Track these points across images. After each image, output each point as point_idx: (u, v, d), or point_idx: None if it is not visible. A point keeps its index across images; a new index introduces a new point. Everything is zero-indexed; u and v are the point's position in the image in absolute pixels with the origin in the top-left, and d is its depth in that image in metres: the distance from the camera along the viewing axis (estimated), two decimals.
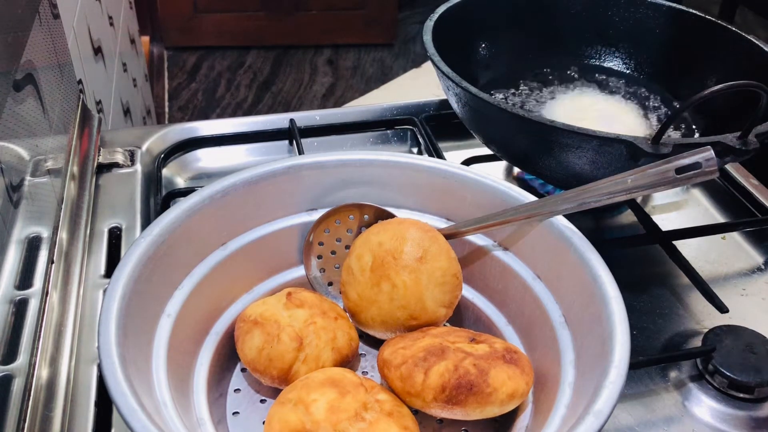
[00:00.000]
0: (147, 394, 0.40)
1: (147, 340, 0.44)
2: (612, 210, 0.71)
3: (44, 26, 0.66)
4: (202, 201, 0.49)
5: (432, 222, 0.54)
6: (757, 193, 0.71)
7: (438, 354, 0.43)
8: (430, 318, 0.49)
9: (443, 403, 0.42)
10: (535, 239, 0.50)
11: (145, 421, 0.36)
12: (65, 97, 0.70)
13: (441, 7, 0.73)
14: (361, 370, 0.51)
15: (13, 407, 0.45)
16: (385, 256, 0.49)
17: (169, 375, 0.43)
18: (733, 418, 0.51)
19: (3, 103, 0.51)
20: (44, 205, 0.58)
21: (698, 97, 0.50)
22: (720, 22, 0.73)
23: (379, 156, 0.54)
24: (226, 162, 0.77)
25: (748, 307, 0.61)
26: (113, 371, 0.38)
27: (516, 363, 0.44)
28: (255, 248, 0.53)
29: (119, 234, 0.65)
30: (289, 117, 0.78)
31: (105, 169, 0.72)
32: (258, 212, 0.53)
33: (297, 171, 0.53)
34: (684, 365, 0.55)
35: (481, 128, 0.66)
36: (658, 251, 0.63)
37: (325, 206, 0.55)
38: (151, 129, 0.79)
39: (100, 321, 0.41)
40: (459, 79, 0.61)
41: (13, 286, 0.51)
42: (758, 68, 0.68)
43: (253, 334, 0.48)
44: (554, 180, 0.67)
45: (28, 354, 0.48)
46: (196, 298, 0.49)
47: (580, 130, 0.54)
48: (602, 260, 0.45)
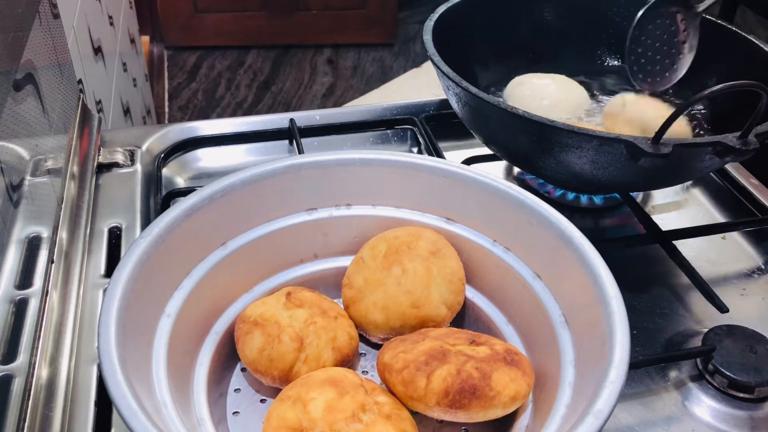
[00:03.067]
0: (147, 394, 0.40)
1: (147, 341, 0.44)
2: (612, 210, 0.71)
3: (44, 26, 0.66)
4: (202, 201, 0.49)
5: (432, 222, 0.54)
6: (757, 193, 0.71)
7: (440, 358, 0.43)
8: (430, 312, 0.49)
9: (446, 408, 0.42)
10: (535, 238, 0.50)
11: (145, 422, 0.36)
12: (65, 96, 0.70)
13: (441, 7, 0.73)
14: (361, 369, 0.51)
15: (13, 407, 0.45)
16: (400, 245, 0.51)
17: (169, 375, 0.43)
18: (733, 418, 0.51)
19: (3, 103, 0.51)
20: (44, 204, 0.58)
21: (698, 97, 0.50)
22: (720, 21, 0.73)
23: (379, 155, 0.54)
24: (226, 162, 0.77)
25: (748, 307, 0.60)
26: (113, 372, 0.38)
27: (517, 365, 0.44)
28: (255, 248, 0.53)
29: (119, 234, 0.65)
30: (289, 117, 0.78)
31: (105, 168, 0.72)
32: (258, 212, 0.53)
33: (297, 170, 0.53)
34: (684, 365, 0.55)
35: (481, 128, 0.66)
36: (658, 251, 0.63)
37: (325, 206, 0.55)
38: (151, 129, 0.79)
39: (99, 321, 0.41)
40: (459, 79, 0.61)
41: (13, 285, 0.51)
42: (758, 68, 0.68)
43: (253, 334, 0.47)
44: (554, 180, 0.67)
45: (28, 354, 0.48)
46: (196, 298, 0.48)
47: (580, 130, 0.54)
48: (602, 260, 0.45)
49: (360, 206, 0.56)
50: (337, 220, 0.55)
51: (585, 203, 0.71)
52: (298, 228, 0.54)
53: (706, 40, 0.73)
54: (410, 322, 0.50)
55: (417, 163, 0.54)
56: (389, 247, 0.51)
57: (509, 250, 0.52)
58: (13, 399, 0.46)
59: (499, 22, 0.79)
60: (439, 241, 0.52)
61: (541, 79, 0.76)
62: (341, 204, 0.55)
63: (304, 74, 2.52)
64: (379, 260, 0.51)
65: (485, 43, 0.79)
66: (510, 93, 0.76)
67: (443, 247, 0.52)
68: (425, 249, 0.51)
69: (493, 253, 0.52)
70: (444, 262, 0.51)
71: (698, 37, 0.72)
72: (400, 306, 0.50)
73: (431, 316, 0.50)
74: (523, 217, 0.50)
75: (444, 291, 0.50)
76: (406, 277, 0.50)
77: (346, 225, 0.55)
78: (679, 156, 0.54)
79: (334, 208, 0.55)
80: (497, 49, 0.80)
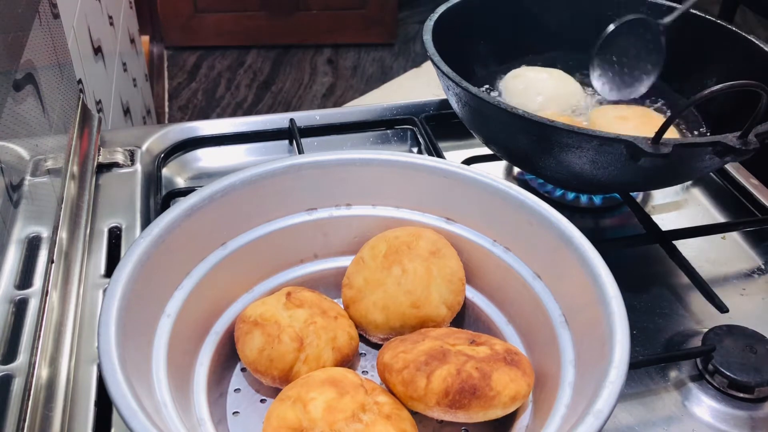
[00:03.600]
0: (147, 394, 0.40)
1: (147, 341, 0.44)
2: (612, 210, 0.71)
3: (44, 26, 0.66)
4: (202, 201, 0.49)
5: (432, 222, 0.54)
6: (757, 193, 0.71)
7: (440, 358, 0.43)
8: (430, 312, 0.49)
9: (446, 407, 0.42)
10: (535, 238, 0.50)
11: (145, 422, 0.36)
12: (65, 96, 0.70)
13: (441, 7, 0.73)
14: (361, 369, 0.51)
15: (13, 407, 0.45)
16: (401, 245, 0.51)
17: (169, 375, 0.43)
18: (733, 418, 0.51)
19: (3, 103, 0.51)
20: (44, 204, 0.58)
21: (698, 97, 0.50)
22: (720, 21, 0.73)
23: (379, 155, 0.54)
24: (226, 162, 0.77)
25: (748, 307, 0.60)
26: (113, 372, 0.38)
27: (517, 365, 0.44)
28: (255, 248, 0.53)
29: (119, 234, 0.65)
30: (289, 117, 0.78)
31: (105, 168, 0.72)
32: (258, 212, 0.53)
33: (297, 170, 0.53)
34: (684, 365, 0.55)
35: (481, 128, 0.66)
36: (658, 251, 0.63)
37: (325, 206, 0.55)
38: (151, 129, 0.79)
39: (100, 321, 0.41)
40: (459, 79, 0.61)
41: (13, 285, 0.51)
42: (758, 68, 0.68)
43: (253, 334, 0.47)
44: (554, 180, 0.67)
45: (28, 354, 0.48)
46: (196, 298, 0.48)
47: (580, 130, 0.54)
48: (602, 260, 0.45)
49: (360, 206, 0.56)
50: (337, 220, 0.55)
51: (585, 203, 0.71)
52: (298, 228, 0.54)
53: (707, 40, 0.73)
54: (410, 322, 0.50)
55: (417, 163, 0.54)
56: (389, 247, 0.52)
57: (509, 250, 0.52)
58: (13, 399, 0.46)
59: (499, 21, 0.79)
60: (439, 241, 0.52)
61: (536, 73, 0.76)
62: (341, 204, 0.55)
63: (304, 74, 2.52)
64: (379, 260, 0.51)
65: (485, 43, 0.79)
66: (505, 86, 0.76)
67: (443, 247, 0.52)
68: (425, 249, 0.51)
69: (493, 253, 0.52)
70: (444, 262, 0.51)
71: (663, 54, 0.74)
72: (400, 306, 0.50)
73: (431, 316, 0.50)
74: (523, 217, 0.50)
75: (444, 290, 0.50)
76: (406, 277, 0.50)
77: (346, 225, 0.55)
78: (679, 156, 0.54)
79: (334, 208, 0.55)
80: (497, 48, 0.80)
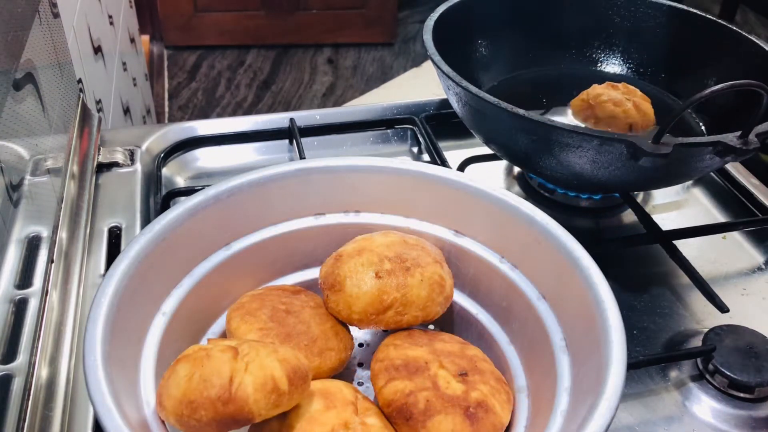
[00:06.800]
0: (130, 392, 0.40)
1: (138, 338, 0.44)
2: (612, 210, 0.71)
3: (44, 25, 0.66)
4: (207, 201, 0.49)
5: (440, 233, 0.53)
6: (758, 193, 0.71)
7: (411, 371, 0.43)
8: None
9: (386, 414, 0.42)
10: (543, 257, 0.48)
11: (119, 421, 0.35)
12: (65, 96, 0.70)
13: (441, 7, 0.73)
14: (356, 381, 0.50)
15: (13, 407, 0.45)
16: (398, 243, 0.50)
17: (156, 373, 0.43)
18: (733, 417, 0.51)
19: (3, 103, 0.51)
20: (44, 204, 0.58)
21: (698, 97, 0.50)
22: (720, 21, 0.73)
23: (390, 163, 0.53)
24: (226, 161, 0.77)
25: (749, 307, 0.61)
26: (94, 367, 0.37)
27: (476, 422, 0.41)
28: (259, 250, 0.52)
29: (119, 233, 0.65)
30: (289, 116, 0.78)
31: (105, 168, 0.72)
32: (264, 214, 0.52)
33: (306, 175, 0.52)
34: (684, 365, 0.55)
35: (481, 128, 0.66)
36: (659, 251, 0.63)
37: (334, 212, 0.54)
38: (151, 128, 0.79)
39: (88, 316, 0.40)
40: (459, 79, 0.61)
41: (13, 285, 0.51)
42: (758, 68, 0.68)
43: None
44: (554, 180, 0.67)
45: (27, 353, 0.48)
46: (194, 298, 0.48)
47: (580, 130, 0.54)
48: (608, 285, 0.44)
49: (369, 213, 0.54)
50: (345, 226, 0.54)
51: (585, 203, 0.71)
52: (305, 233, 0.53)
53: (707, 39, 0.73)
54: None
55: (428, 174, 0.53)
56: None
57: (516, 267, 0.50)
58: (13, 399, 0.46)
59: (499, 21, 0.79)
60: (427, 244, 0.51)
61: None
62: (350, 210, 0.54)
63: (304, 74, 2.52)
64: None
65: (485, 43, 0.79)
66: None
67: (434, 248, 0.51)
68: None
69: (500, 269, 0.51)
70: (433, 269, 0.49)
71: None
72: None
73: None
74: (532, 235, 0.49)
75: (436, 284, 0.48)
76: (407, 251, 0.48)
77: (354, 232, 0.54)
78: (680, 156, 0.54)
79: (342, 214, 0.54)
80: (497, 48, 0.80)
